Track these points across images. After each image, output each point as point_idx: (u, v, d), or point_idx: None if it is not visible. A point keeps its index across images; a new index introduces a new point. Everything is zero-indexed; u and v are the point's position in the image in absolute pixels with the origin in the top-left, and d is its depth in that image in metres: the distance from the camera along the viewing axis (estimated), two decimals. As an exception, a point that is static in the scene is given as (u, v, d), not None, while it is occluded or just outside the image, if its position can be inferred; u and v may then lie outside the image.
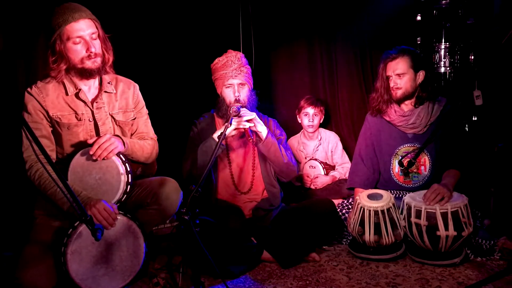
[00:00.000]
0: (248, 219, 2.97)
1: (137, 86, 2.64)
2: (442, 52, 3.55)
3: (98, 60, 2.37)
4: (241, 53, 2.99)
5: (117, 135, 2.44)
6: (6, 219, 3.15)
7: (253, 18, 3.84)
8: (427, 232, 2.68)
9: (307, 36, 4.05)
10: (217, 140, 2.61)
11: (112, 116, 2.51)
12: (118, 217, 2.28)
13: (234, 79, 2.90)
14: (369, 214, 2.79)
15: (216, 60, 2.96)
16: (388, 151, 3.11)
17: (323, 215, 2.94)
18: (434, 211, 2.66)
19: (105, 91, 2.49)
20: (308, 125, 3.78)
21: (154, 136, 2.70)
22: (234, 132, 2.79)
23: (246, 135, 2.88)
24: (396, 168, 3.09)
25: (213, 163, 2.91)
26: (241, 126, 2.74)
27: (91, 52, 2.32)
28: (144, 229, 2.36)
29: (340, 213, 3.08)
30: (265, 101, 3.21)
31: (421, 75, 2.98)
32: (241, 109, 2.74)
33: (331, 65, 4.01)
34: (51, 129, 2.39)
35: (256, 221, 2.95)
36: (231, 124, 2.69)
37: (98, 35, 2.37)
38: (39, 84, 2.38)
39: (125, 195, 2.35)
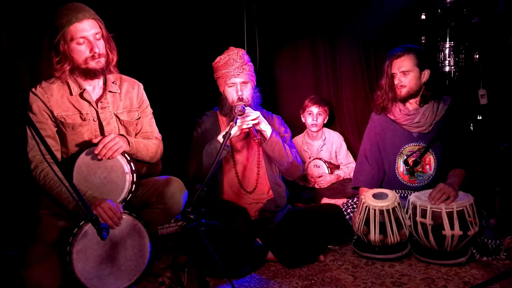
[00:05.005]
0: (254, 221, 2.96)
1: (141, 85, 2.64)
2: (447, 51, 3.54)
3: (102, 60, 2.36)
4: (243, 50, 2.95)
5: (122, 135, 2.44)
6: (10, 219, 3.16)
7: (257, 17, 3.83)
8: (432, 231, 2.67)
9: (310, 35, 4.03)
10: (221, 141, 2.61)
11: (116, 116, 2.51)
12: (123, 217, 2.27)
13: (236, 78, 2.87)
14: (374, 213, 2.78)
15: (218, 59, 2.94)
16: (393, 150, 3.10)
17: (329, 220, 2.92)
18: (439, 210, 2.65)
19: (110, 91, 2.49)
20: (312, 124, 3.78)
21: (159, 136, 2.69)
22: (238, 133, 2.78)
23: (250, 135, 2.87)
24: (401, 167, 3.08)
25: (218, 165, 2.92)
26: (245, 126, 2.74)
27: (95, 53, 2.32)
28: (149, 229, 2.36)
29: (345, 213, 3.07)
30: (269, 98, 3.20)
31: (426, 74, 2.97)
32: (245, 108, 2.73)
33: (335, 64, 4.00)
34: (56, 129, 2.40)
35: (261, 222, 2.94)
36: (236, 123, 2.69)
37: (102, 35, 2.37)
38: (44, 84, 2.38)
39: (130, 194, 2.35)
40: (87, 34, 2.30)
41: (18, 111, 2.98)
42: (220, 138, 2.80)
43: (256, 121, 2.76)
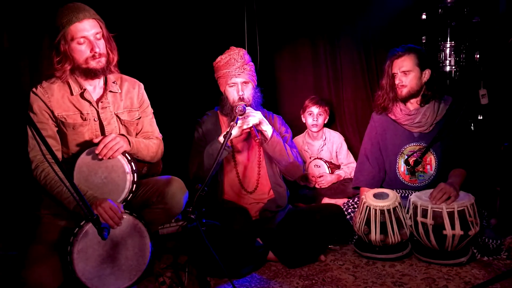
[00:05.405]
0: (255, 221, 2.96)
1: (142, 85, 2.64)
2: (448, 51, 3.54)
3: (103, 60, 2.36)
4: (244, 50, 2.95)
5: (123, 134, 2.44)
6: (11, 219, 3.16)
7: (258, 17, 3.83)
8: (433, 231, 2.67)
9: (311, 35, 4.03)
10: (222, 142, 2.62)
11: (117, 116, 2.50)
12: (124, 216, 2.27)
13: (237, 78, 2.87)
14: (375, 213, 2.78)
15: (219, 58, 2.94)
16: (394, 150, 3.10)
17: (330, 219, 2.92)
18: (440, 210, 2.65)
19: (110, 91, 2.49)
20: (312, 124, 3.78)
21: (159, 136, 2.69)
22: (239, 133, 2.78)
23: (251, 135, 2.87)
24: (402, 167, 3.08)
25: (219, 165, 2.92)
26: (245, 126, 2.74)
27: (96, 52, 2.32)
28: (150, 228, 2.36)
29: (346, 213, 3.07)
30: (269, 98, 3.19)
31: (427, 73, 2.97)
32: (246, 108, 2.73)
33: (335, 64, 4.00)
34: (57, 129, 2.39)
35: (262, 222, 2.94)
36: (236, 123, 2.69)
37: (102, 35, 2.36)
38: (44, 84, 2.38)
39: (131, 194, 2.35)
40: (88, 34, 2.30)
41: (19, 111, 2.98)
42: (221, 138, 2.80)
43: (257, 122, 2.76)
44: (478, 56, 3.45)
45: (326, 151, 3.85)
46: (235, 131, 2.72)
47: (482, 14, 3.45)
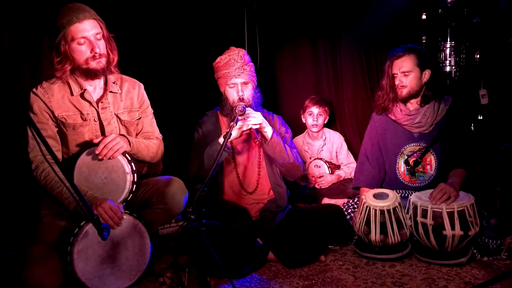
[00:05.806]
0: (255, 221, 2.96)
1: (142, 85, 2.64)
2: (448, 51, 3.54)
3: (103, 60, 2.36)
4: (243, 50, 2.95)
5: (123, 135, 2.44)
6: (11, 219, 3.16)
7: (258, 17, 3.83)
8: (433, 231, 2.67)
9: (311, 35, 4.04)
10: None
11: (117, 116, 2.50)
12: (124, 217, 2.27)
13: (237, 78, 2.87)
14: (375, 213, 2.78)
15: (219, 59, 2.94)
16: (394, 150, 3.11)
17: (330, 220, 2.92)
18: (440, 210, 2.65)
19: (110, 91, 2.49)
20: (313, 125, 3.78)
21: (160, 136, 2.69)
22: (239, 135, 2.78)
23: (251, 136, 2.86)
24: (402, 167, 3.08)
25: (219, 166, 2.93)
26: (245, 128, 2.74)
27: (96, 53, 2.32)
28: (150, 229, 2.36)
29: (346, 213, 3.07)
30: (269, 98, 3.19)
31: (427, 74, 2.97)
32: (246, 108, 2.73)
33: (335, 65, 4.00)
34: (57, 129, 2.39)
35: (262, 223, 2.94)
36: (236, 123, 2.69)
37: (103, 35, 2.36)
38: (44, 85, 2.38)
39: (131, 195, 2.35)
40: (88, 34, 2.30)
41: (19, 112, 2.98)
42: (221, 140, 2.80)
43: (257, 123, 2.76)
44: (478, 56, 3.45)
45: (326, 151, 3.85)
46: (234, 133, 2.72)
47: (482, 14, 3.45)
